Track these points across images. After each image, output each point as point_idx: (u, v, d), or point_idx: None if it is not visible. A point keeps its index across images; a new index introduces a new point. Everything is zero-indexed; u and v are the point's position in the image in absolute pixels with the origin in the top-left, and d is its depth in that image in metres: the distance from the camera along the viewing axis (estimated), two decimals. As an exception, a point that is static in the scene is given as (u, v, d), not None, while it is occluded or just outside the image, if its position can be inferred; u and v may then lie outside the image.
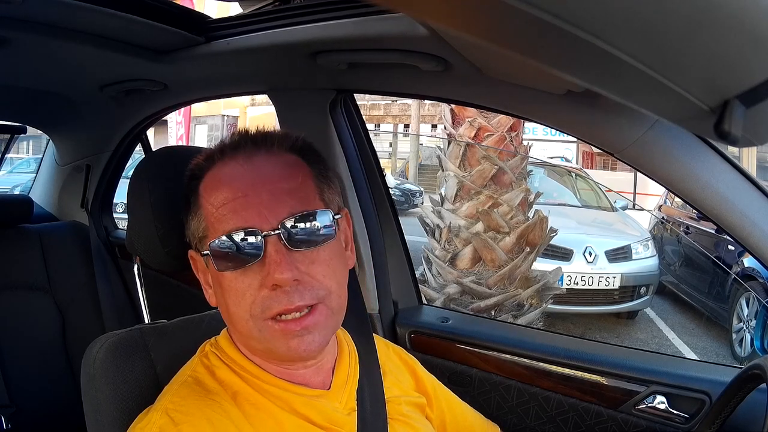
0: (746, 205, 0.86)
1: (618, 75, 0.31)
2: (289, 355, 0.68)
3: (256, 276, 0.66)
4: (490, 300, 3.80)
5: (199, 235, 0.71)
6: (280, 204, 0.66)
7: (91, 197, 1.95)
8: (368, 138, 1.42)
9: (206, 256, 0.69)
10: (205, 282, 0.75)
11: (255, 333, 0.67)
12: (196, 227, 0.71)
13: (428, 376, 0.93)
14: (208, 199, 0.69)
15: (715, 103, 0.34)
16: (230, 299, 0.67)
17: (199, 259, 0.73)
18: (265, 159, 0.70)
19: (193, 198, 0.72)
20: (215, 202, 0.68)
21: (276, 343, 0.67)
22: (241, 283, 0.66)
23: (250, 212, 0.66)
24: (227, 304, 0.68)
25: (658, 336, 5.18)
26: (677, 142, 0.87)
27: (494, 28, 0.27)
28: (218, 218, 0.67)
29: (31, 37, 1.12)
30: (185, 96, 1.66)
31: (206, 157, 0.72)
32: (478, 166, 3.98)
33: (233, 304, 0.67)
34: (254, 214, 0.66)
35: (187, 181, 0.74)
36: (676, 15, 0.25)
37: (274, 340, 0.67)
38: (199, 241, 0.71)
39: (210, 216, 0.68)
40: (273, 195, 0.67)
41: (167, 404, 0.68)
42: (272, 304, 0.65)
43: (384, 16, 0.88)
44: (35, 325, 1.67)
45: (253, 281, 0.66)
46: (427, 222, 4.31)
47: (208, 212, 0.69)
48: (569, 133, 1.03)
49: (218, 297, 0.71)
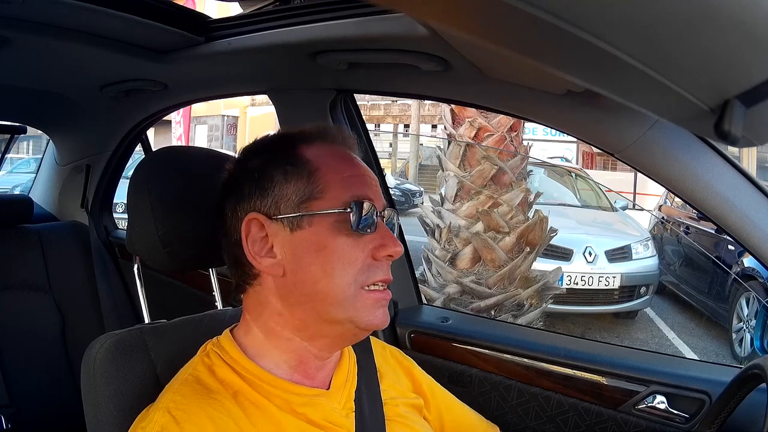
0: (746, 206, 0.86)
1: (618, 75, 0.31)
2: (371, 323, 0.71)
3: (367, 245, 0.71)
4: (490, 300, 3.80)
5: (305, 195, 0.71)
6: (379, 188, 0.76)
7: (91, 197, 1.95)
8: (368, 138, 1.42)
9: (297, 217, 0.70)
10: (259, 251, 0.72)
11: (349, 300, 0.70)
12: (297, 187, 0.71)
13: (425, 377, 0.93)
14: (330, 165, 0.73)
15: (715, 103, 0.34)
16: (337, 263, 0.70)
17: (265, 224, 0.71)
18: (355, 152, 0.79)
19: (297, 161, 0.73)
20: (342, 170, 0.73)
21: (365, 311, 0.70)
22: (354, 249, 0.70)
23: (372, 190, 0.74)
24: (327, 268, 0.69)
25: (658, 336, 5.18)
26: (677, 142, 0.87)
27: (494, 28, 0.27)
28: (345, 185, 0.72)
29: (31, 37, 1.12)
30: (185, 96, 1.66)
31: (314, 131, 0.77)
32: (478, 166, 3.98)
33: (339, 268, 0.69)
34: (373, 193, 0.73)
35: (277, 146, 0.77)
36: (676, 15, 0.25)
37: (365, 309, 0.70)
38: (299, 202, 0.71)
39: (333, 181, 0.72)
40: (376, 184, 0.76)
41: (168, 403, 0.67)
42: (377, 273, 0.71)
43: (384, 16, 0.88)
44: (35, 325, 1.67)
45: (365, 249, 0.71)
46: (427, 222, 4.31)
47: (330, 177, 0.72)
48: (569, 133, 1.03)
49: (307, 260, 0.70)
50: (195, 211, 0.89)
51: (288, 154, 0.74)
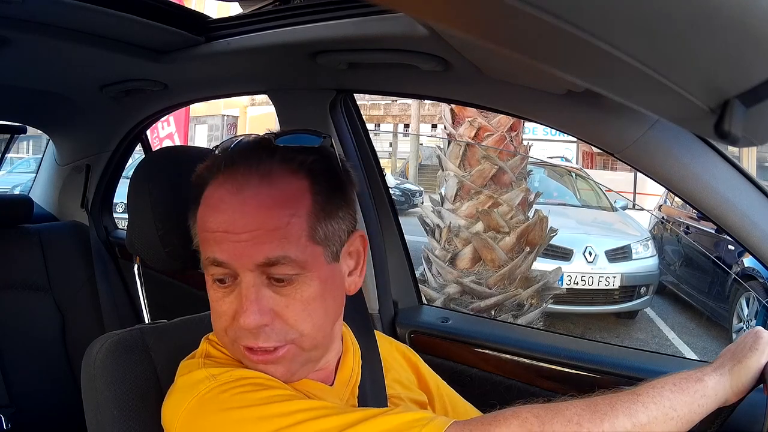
0: (746, 205, 0.86)
1: (618, 75, 0.31)
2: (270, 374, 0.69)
3: (232, 305, 0.66)
4: (490, 300, 3.80)
5: (195, 244, 0.72)
6: (258, 246, 0.63)
7: (91, 197, 1.95)
8: (368, 138, 1.42)
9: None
10: None
11: (229, 348, 0.71)
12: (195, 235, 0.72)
13: (431, 374, 0.93)
14: (201, 216, 0.68)
15: (715, 103, 0.34)
16: (213, 313, 0.70)
17: None
18: (257, 189, 0.65)
19: (194, 206, 0.71)
20: (203, 225, 0.67)
21: (248, 363, 0.69)
22: (220, 306, 0.68)
23: (229, 249, 0.64)
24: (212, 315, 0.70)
25: (658, 336, 5.18)
26: (677, 142, 0.87)
27: (494, 28, 0.27)
28: (204, 241, 0.67)
29: (31, 37, 1.12)
30: (185, 96, 1.66)
31: (207, 169, 0.70)
32: (478, 166, 3.98)
33: (213, 318, 0.70)
34: (232, 253, 0.64)
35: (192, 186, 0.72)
36: (676, 15, 0.25)
37: (246, 360, 0.69)
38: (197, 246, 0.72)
39: (199, 234, 0.69)
40: (253, 237, 0.63)
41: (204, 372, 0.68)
42: (241, 337, 0.66)
43: (384, 16, 0.88)
44: (35, 325, 1.67)
45: (229, 309, 0.67)
46: (427, 222, 4.31)
47: (199, 234, 0.69)
48: (569, 133, 1.03)
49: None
50: (195, 211, 0.89)
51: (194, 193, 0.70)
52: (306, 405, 0.63)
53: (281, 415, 0.61)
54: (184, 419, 0.65)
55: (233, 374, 0.66)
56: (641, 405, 0.63)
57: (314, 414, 0.61)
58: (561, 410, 0.61)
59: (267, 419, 0.61)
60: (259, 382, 0.66)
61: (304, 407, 0.63)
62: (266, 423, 0.61)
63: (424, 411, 0.73)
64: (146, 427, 0.77)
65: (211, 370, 0.68)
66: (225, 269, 0.65)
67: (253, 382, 0.65)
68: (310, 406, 0.64)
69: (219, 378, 0.66)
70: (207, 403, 0.64)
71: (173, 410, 0.67)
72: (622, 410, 0.62)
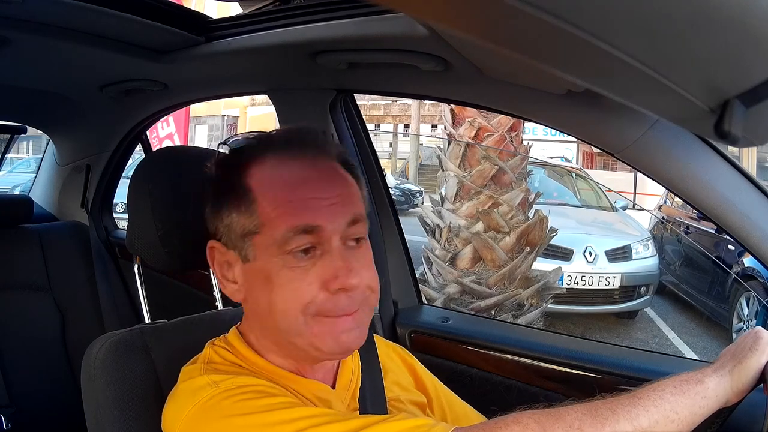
0: (746, 205, 0.86)
1: (618, 75, 0.31)
2: (336, 349, 0.69)
3: (320, 274, 0.66)
4: (490, 300, 3.80)
5: (246, 229, 0.69)
6: (345, 207, 0.69)
7: (91, 197, 1.95)
8: (368, 138, 1.42)
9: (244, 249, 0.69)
10: (224, 276, 0.73)
11: (302, 328, 0.67)
12: (239, 221, 0.69)
13: (428, 375, 0.93)
14: (269, 193, 0.68)
15: (715, 103, 0.34)
16: (280, 296, 0.67)
17: (223, 252, 0.72)
18: (324, 162, 0.71)
19: (238, 190, 0.70)
20: (281, 197, 0.68)
21: (325, 338, 0.67)
22: (305, 278, 0.66)
23: (322, 212, 0.67)
24: (273, 301, 0.67)
25: (658, 336, 5.18)
26: (677, 142, 0.87)
27: (494, 28, 0.27)
28: (285, 214, 0.67)
29: (31, 37, 1.12)
30: (185, 96, 1.66)
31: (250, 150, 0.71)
32: (478, 166, 3.98)
33: (283, 301, 0.67)
34: (326, 215, 0.67)
35: (223, 172, 0.72)
36: (676, 15, 0.25)
37: (323, 335, 0.67)
38: (242, 235, 0.69)
39: (271, 213, 0.67)
40: (341, 198, 0.69)
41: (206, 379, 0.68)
42: (332, 307, 0.66)
43: (384, 16, 0.88)
44: (35, 325, 1.67)
45: (316, 279, 0.66)
46: (427, 222, 4.31)
47: (267, 209, 0.68)
48: (569, 133, 1.03)
49: (257, 291, 0.69)
50: (195, 211, 0.89)
51: (232, 181, 0.71)
52: (308, 412, 0.63)
53: (283, 423, 0.61)
54: (185, 425, 0.65)
55: (235, 381, 0.66)
56: (642, 408, 0.63)
57: (316, 421, 0.61)
58: (562, 415, 0.61)
59: (269, 426, 0.61)
60: (261, 389, 0.66)
61: (306, 414, 0.63)
62: (268, 430, 0.61)
63: (425, 417, 0.73)
64: (146, 427, 0.77)
65: (213, 376, 0.67)
66: (312, 237, 0.66)
67: (255, 389, 0.65)
68: (312, 413, 0.64)
69: (221, 385, 0.65)
70: (209, 410, 0.64)
71: (174, 415, 0.67)
72: (623, 414, 0.62)
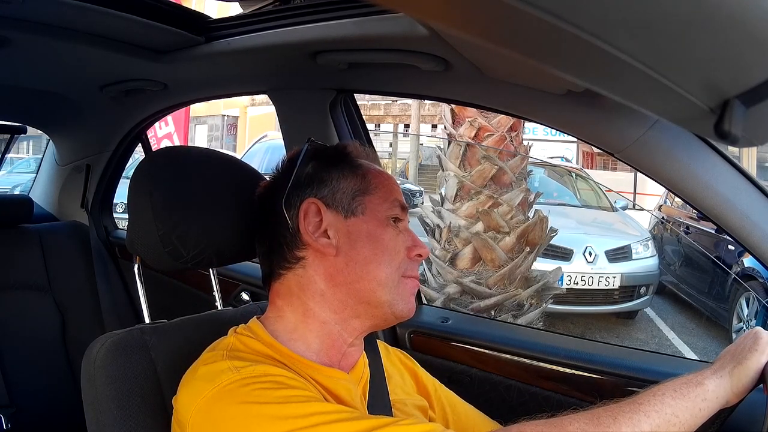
0: (746, 205, 0.86)
1: (618, 75, 0.31)
2: (405, 310, 0.78)
3: (404, 241, 0.79)
4: (490, 300, 3.80)
5: (357, 189, 0.80)
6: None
7: (91, 197, 1.95)
8: (368, 138, 1.42)
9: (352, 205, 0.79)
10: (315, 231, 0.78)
11: (392, 283, 0.77)
12: (349, 183, 0.80)
13: (428, 377, 0.94)
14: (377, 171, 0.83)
15: (715, 103, 0.34)
16: (386, 251, 0.77)
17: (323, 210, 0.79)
18: None
19: (351, 163, 0.82)
20: (385, 177, 0.82)
21: (405, 298, 0.78)
22: (397, 243, 0.78)
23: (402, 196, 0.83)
24: (377, 251, 0.77)
25: (658, 336, 5.18)
26: (677, 142, 0.87)
27: (494, 28, 0.27)
28: (390, 190, 0.81)
29: (31, 37, 1.12)
30: (185, 96, 1.66)
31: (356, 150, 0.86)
32: (478, 166, 3.98)
33: (387, 256, 0.77)
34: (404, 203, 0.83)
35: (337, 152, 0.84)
36: (676, 15, 0.25)
37: (404, 295, 0.78)
38: (352, 194, 0.80)
39: (381, 183, 0.81)
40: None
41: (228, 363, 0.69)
42: (409, 269, 0.79)
43: (384, 16, 0.88)
44: (35, 325, 1.67)
45: (403, 244, 0.79)
46: (427, 222, 4.30)
47: (379, 180, 0.81)
48: (569, 133, 1.03)
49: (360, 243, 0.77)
50: (195, 210, 0.89)
51: (343, 158, 0.83)
52: (323, 408, 0.65)
53: (298, 417, 0.62)
54: (201, 406, 0.65)
55: (256, 369, 0.67)
56: (643, 414, 0.64)
57: (330, 418, 0.63)
58: (564, 425, 0.63)
59: (283, 419, 0.62)
60: (281, 380, 0.67)
61: (321, 410, 0.64)
62: (282, 422, 0.62)
63: (433, 423, 0.74)
64: (146, 426, 0.77)
65: (236, 362, 0.68)
66: (402, 212, 0.81)
67: (274, 379, 0.66)
68: (327, 409, 0.65)
69: (242, 372, 0.66)
70: (227, 394, 0.65)
71: (191, 397, 0.68)
72: (624, 421, 0.63)
